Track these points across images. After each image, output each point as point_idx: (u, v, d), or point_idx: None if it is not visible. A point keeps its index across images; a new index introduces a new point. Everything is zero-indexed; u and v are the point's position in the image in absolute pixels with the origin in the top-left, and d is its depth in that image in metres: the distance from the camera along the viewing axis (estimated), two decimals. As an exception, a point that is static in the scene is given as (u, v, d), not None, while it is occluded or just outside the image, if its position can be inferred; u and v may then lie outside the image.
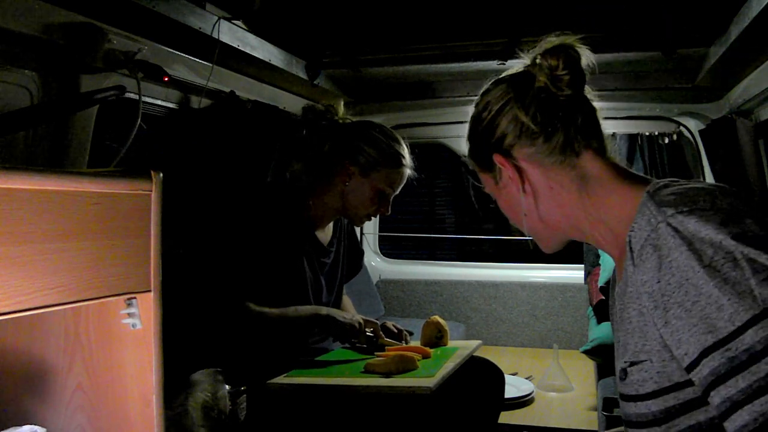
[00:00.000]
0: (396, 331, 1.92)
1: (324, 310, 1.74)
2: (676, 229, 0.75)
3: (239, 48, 1.82)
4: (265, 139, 2.20)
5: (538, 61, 0.95)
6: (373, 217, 1.90)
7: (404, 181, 1.86)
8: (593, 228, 0.94)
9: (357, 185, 1.80)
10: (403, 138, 1.86)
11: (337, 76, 2.54)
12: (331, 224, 1.94)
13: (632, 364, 0.83)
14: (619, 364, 0.90)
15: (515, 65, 1.00)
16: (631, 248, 0.81)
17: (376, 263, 3.65)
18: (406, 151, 1.83)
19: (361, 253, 2.16)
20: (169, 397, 1.15)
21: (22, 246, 0.75)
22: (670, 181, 0.85)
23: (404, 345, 1.86)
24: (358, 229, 3.55)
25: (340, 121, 1.88)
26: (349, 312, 2.06)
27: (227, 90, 2.04)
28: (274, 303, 1.71)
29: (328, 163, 1.81)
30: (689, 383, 0.77)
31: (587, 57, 0.95)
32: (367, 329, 1.79)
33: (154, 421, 0.95)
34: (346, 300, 2.11)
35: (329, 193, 1.82)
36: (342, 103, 1.94)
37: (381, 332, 1.83)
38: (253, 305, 1.68)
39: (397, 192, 1.87)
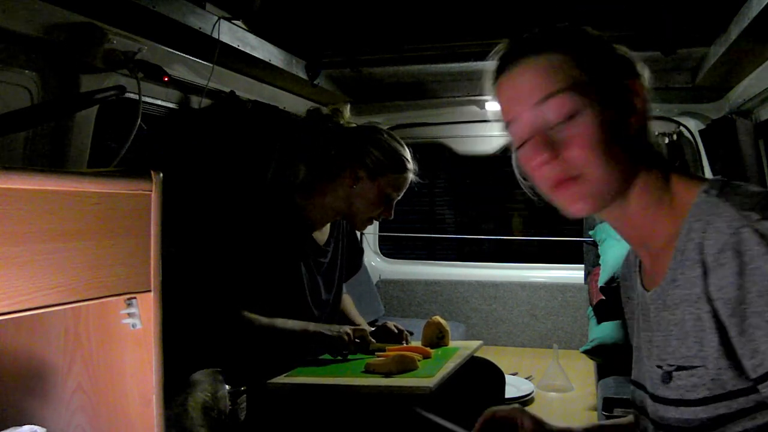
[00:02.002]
0: (397, 331, 1.91)
1: (312, 327, 1.73)
2: (762, 236, 0.72)
3: (239, 48, 1.82)
4: (266, 140, 2.20)
5: None
6: (375, 221, 1.91)
7: (408, 186, 1.87)
8: (648, 207, 0.87)
9: (364, 189, 1.80)
10: (403, 139, 1.87)
11: (337, 76, 2.54)
12: (328, 225, 1.94)
13: (680, 368, 0.81)
14: (652, 364, 0.87)
15: None
16: (702, 252, 0.77)
17: (376, 263, 3.65)
18: (410, 156, 1.85)
19: (361, 251, 2.16)
20: (169, 397, 1.15)
21: (22, 246, 0.75)
22: (728, 181, 0.82)
23: (405, 345, 1.86)
24: (357, 229, 3.56)
25: (345, 124, 1.88)
26: (350, 311, 2.06)
27: (227, 90, 2.03)
28: (270, 304, 1.70)
29: (334, 166, 1.82)
30: (743, 392, 0.75)
31: None
32: (355, 336, 1.76)
33: (154, 421, 0.95)
34: (347, 299, 2.11)
35: (332, 196, 1.82)
36: (348, 107, 1.93)
37: (371, 338, 1.80)
38: (245, 312, 1.67)
39: (401, 196, 1.89)
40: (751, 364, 0.73)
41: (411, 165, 1.85)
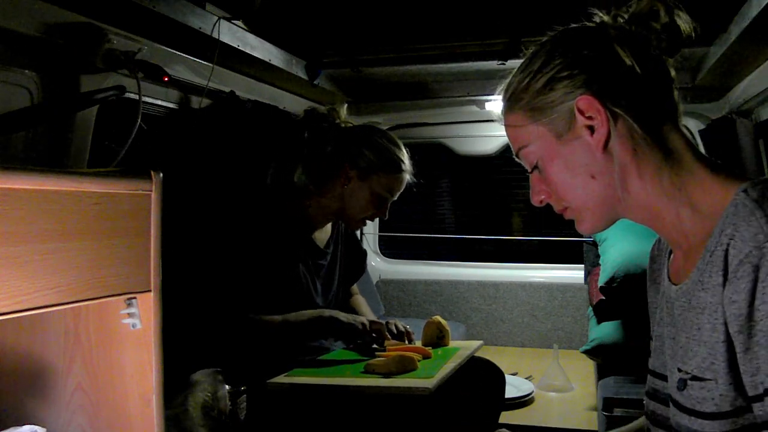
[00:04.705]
0: (396, 331, 1.90)
1: (327, 312, 1.73)
2: None
3: (239, 48, 1.82)
4: (266, 140, 2.20)
5: (654, 6, 0.88)
6: (369, 221, 1.90)
7: (403, 187, 1.86)
8: (667, 210, 0.85)
9: (356, 189, 1.80)
10: (403, 139, 1.86)
11: (337, 76, 2.54)
12: (329, 226, 1.94)
13: (695, 378, 0.79)
14: (674, 366, 0.85)
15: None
16: (726, 259, 0.74)
17: (376, 263, 3.65)
18: (406, 157, 1.84)
19: (364, 254, 2.16)
20: (169, 397, 1.15)
21: (22, 246, 0.75)
22: None
23: (406, 345, 1.85)
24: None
25: (342, 124, 1.88)
26: (363, 311, 2.06)
27: (227, 90, 2.04)
28: (268, 305, 1.70)
29: (328, 165, 1.82)
30: (748, 410, 0.74)
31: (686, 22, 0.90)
32: (372, 329, 1.76)
33: (154, 421, 0.95)
34: (360, 300, 2.11)
35: (327, 196, 1.83)
36: (345, 106, 1.93)
37: (387, 333, 1.81)
38: (255, 315, 1.67)
39: (396, 198, 1.88)
40: (749, 382, 0.72)
41: (406, 166, 1.84)
